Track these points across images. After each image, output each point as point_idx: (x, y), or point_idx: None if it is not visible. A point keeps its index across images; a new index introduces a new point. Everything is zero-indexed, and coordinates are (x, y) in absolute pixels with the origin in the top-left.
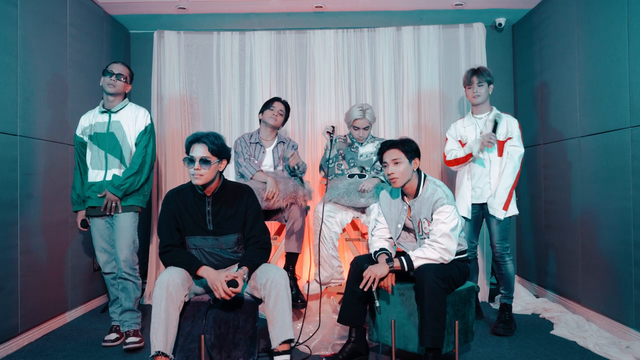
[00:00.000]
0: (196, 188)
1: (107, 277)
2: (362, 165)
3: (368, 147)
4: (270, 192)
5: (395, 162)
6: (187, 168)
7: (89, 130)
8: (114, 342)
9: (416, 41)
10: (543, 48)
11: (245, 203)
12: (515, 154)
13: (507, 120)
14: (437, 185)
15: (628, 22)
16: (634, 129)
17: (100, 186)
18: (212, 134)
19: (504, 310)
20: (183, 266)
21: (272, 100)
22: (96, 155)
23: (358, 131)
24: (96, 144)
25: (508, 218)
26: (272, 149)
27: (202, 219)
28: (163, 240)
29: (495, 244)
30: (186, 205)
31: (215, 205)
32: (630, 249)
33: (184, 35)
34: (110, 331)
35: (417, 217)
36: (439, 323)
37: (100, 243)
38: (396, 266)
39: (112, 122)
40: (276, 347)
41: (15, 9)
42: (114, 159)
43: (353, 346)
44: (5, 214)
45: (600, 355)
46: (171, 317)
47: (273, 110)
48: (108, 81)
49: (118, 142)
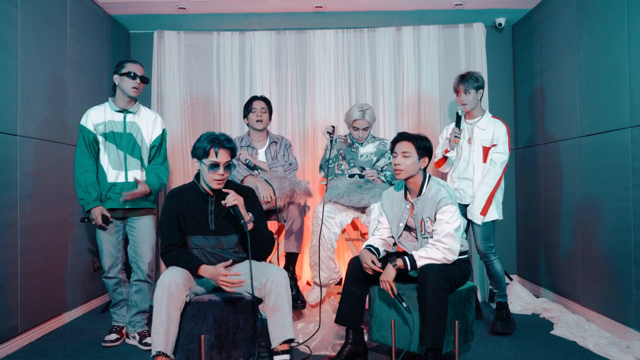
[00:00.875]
0: (200, 187)
1: (109, 281)
2: (362, 165)
3: (368, 147)
4: (267, 197)
5: (405, 155)
6: (208, 173)
7: (102, 128)
8: (114, 342)
9: (416, 41)
10: (543, 48)
11: (248, 204)
12: (497, 160)
13: (494, 126)
14: (441, 185)
15: (628, 22)
16: (634, 129)
17: (122, 187)
18: (229, 138)
19: (500, 308)
20: (184, 266)
21: (250, 101)
22: (115, 155)
23: (358, 132)
24: (113, 143)
25: (490, 221)
26: (265, 150)
27: (205, 218)
28: (164, 240)
29: (479, 244)
30: (188, 205)
31: (218, 205)
32: (630, 249)
33: (184, 35)
34: (110, 331)
35: (419, 216)
36: (440, 323)
37: (109, 247)
38: (399, 265)
39: (127, 122)
40: (276, 347)
41: (15, 9)
42: (134, 160)
43: (351, 348)
44: (5, 214)
45: (600, 355)
46: (172, 317)
47: (255, 112)
48: (132, 84)
49: (137, 143)
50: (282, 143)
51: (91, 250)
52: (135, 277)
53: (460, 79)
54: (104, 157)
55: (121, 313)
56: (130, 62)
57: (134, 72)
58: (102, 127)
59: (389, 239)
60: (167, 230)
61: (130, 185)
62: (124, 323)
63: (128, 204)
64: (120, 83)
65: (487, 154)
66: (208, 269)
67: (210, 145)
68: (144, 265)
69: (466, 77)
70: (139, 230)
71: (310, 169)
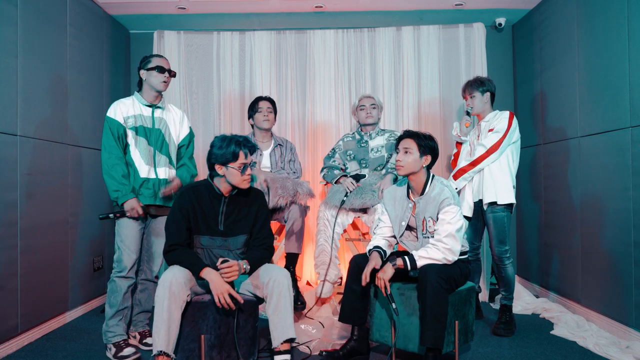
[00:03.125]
0: (214, 187)
1: (124, 282)
2: (374, 166)
3: (378, 139)
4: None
5: (406, 151)
6: (240, 175)
7: (132, 121)
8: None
9: (416, 41)
10: (543, 48)
11: (258, 206)
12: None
13: (496, 116)
14: (445, 185)
15: (628, 22)
16: (634, 129)
17: (154, 184)
18: (247, 137)
19: (504, 311)
20: (187, 266)
21: (256, 101)
22: (146, 150)
23: (364, 111)
24: (144, 138)
25: (504, 220)
26: (270, 152)
27: (215, 218)
28: (170, 238)
29: (493, 247)
30: (200, 203)
31: (230, 205)
32: (630, 249)
33: (184, 35)
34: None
35: (421, 215)
36: (440, 323)
37: (132, 245)
38: (399, 264)
39: (156, 118)
40: (277, 346)
41: (15, 9)
42: (162, 157)
43: (354, 345)
44: (5, 214)
45: (600, 355)
46: (173, 317)
47: (262, 112)
48: (162, 78)
49: (165, 140)
50: (288, 147)
51: (91, 250)
52: (143, 276)
53: (466, 85)
54: (134, 151)
55: (122, 325)
56: (156, 57)
57: (162, 65)
58: (132, 121)
59: (391, 238)
60: (175, 228)
61: (161, 182)
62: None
63: (159, 200)
64: (148, 78)
65: None
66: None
67: (239, 148)
68: (155, 265)
69: (470, 82)
70: (158, 230)
71: (310, 169)
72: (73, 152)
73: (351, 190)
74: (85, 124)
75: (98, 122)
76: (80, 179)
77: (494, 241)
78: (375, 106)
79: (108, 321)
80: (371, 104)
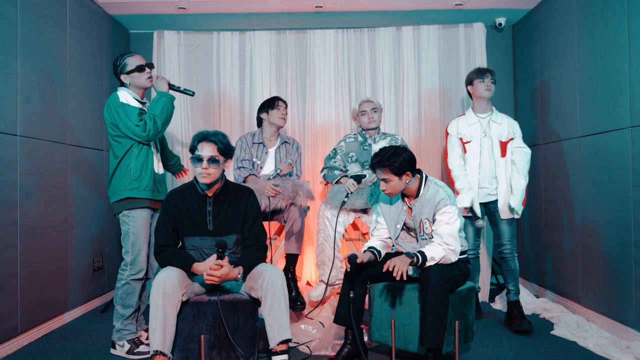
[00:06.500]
0: (198, 188)
1: (138, 283)
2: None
3: (381, 143)
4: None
5: (385, 180)
6: (194, 167)
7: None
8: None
9: (416, 41)
10: (543, 48)
11: (246, 203)
12: (526, 154)
13: (508, 121)
14: (439, 186)
15: (628, 22)
16: (634, 129)
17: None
18: (219, 133)
19: (518, 307)
20: (178, 265)
21: (274, 99)
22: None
23: (366, 115)
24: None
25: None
26: (275, 150)
27: (203, 219)
28: (158, 240)
29: (506, 242)
30: (186, 206)
31: (217, 205)
32: (630, 249)
33: (184, 35)
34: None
35: (418, 218)
36: (441, 324)
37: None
38: (414, 262)
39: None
40: (274, 347)
41: (15, 9)
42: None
43: (350, 349)
44: (5, 214)
45: (600, 355)
46: (168, 316)
47: (280, 109)
48: (146, 76)
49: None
50: (294, 145)
51: (91, 250)
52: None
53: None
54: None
55: (134, 323)
56: (128, 56)
57: (140, 64)
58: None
59: (388, 240)
60: (163, 230)
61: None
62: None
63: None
64: (132, 80)
65: (505, 148)
66: (199, 267)
67: (197, 140)
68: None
69: (492, 70)
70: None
71: (309, 169)
72: (73, 152)
73: (352, 192)
74: (85, 124)
75: (98, 122)
76: (80, 179)
77: (508, 236)
78: (377, 109)
79: (124, 320)
80: (372, 108)
